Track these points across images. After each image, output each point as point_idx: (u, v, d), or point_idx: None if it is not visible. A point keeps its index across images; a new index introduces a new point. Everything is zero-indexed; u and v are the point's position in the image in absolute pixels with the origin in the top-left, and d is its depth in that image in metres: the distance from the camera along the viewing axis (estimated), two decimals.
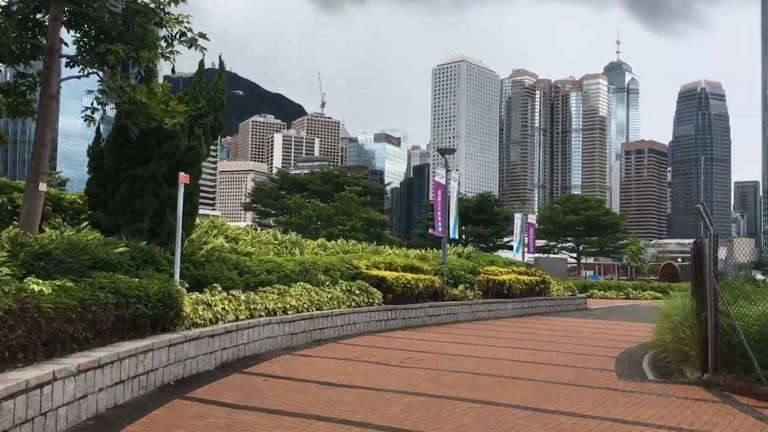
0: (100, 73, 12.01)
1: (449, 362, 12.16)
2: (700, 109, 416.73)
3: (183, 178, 11.26)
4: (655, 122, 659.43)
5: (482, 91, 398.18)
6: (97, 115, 12.41)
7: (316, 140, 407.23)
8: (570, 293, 30.95)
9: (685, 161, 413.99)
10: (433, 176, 23.33)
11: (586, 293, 34.75)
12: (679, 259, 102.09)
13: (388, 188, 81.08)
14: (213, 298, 11.30)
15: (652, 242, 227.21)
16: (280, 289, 14.30)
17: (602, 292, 41.64)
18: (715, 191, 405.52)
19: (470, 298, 22.54)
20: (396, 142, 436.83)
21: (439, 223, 22.94)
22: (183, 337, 9.70)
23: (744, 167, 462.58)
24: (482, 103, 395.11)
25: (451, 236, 23.76)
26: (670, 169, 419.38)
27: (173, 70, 11.77)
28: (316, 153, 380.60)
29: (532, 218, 39.77)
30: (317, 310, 15.14)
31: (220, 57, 15.35)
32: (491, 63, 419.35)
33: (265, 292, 13.76)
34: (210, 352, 10.55)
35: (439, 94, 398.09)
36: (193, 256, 12.87)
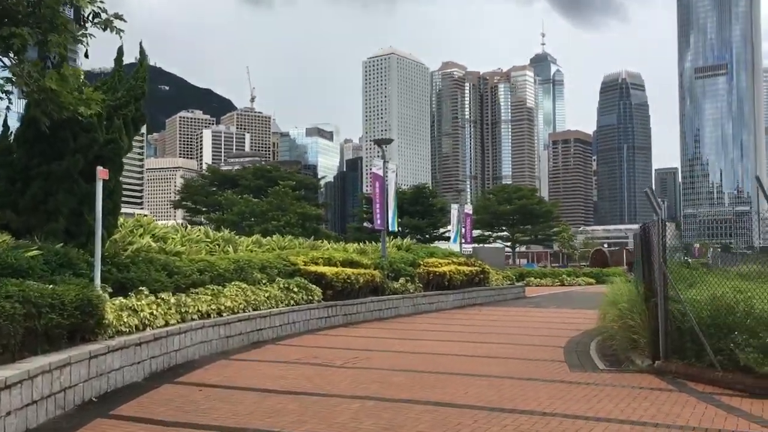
0: (5, 60, 10.86)
1: (396, 360, 11.60)
2: (621, 99, 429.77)
3: (101, 173, 10.32)
4: (579, 113, 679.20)
5: (413, 83, 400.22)
6: (2, 105, 11.25)
7: (247, 135, 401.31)
8: (509, 282, 30.95)
9: (609, 150, 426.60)
10: (370, 168, 22.72)
11: (523, 282, 34.87)
12: (606, 245, 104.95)
13: (322, 182, 80.00)
14: (139, 303, 10.40)
15: (579, 229, 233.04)
16: (213, 289, 13.46)
17: (538, 279, 42.04)
18: (638, 178, 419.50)
19: (411, 291, 22.10)
20: (328, 136, 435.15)
21: (378, 216, 22.38)
22: (105, 348, 8.81)
23: (664, 155, 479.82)
24: (413, 95, 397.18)
25: (390, 229, 23.26)
26: (595, 157, 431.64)
27: (86, 55, 10.70)
28: (247, 148, 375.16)
29: (469, 208, 39.71)
30: (254, 310, 14.35)
31: (140, 44, 14.31)
32: (421, 56, 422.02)
33: (197, 293, 12.90)
34: (137, 362, 9.66)
35: (370, 87, 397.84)
36: (116, 257, 11.90)
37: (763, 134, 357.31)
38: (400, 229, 24.04)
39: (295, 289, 16.43)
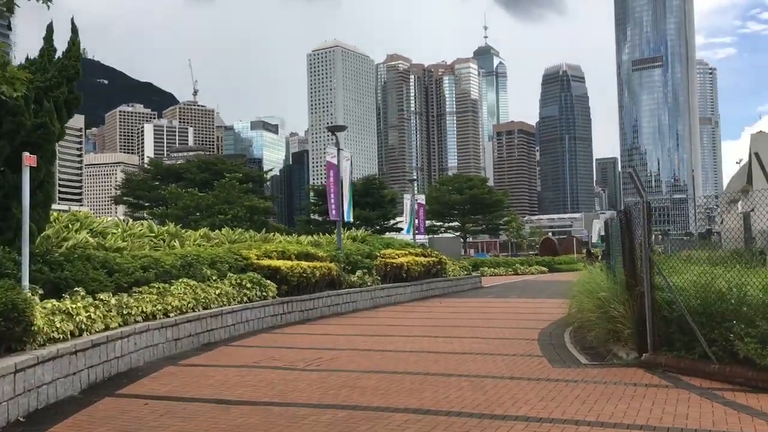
0: None
1: (363, 360, 10.68)
2: (562, 90, 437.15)
3: (28, 159, 9.11)
4: (522, 104, 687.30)
5: (358, 76, 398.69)
6: None
7: (190, 129, 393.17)
8: (465, 273, 30.37)
9: (552, 140, 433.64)
10: (322, 158, 21.68)
11: (478, 272, 34.37)
12: (550, 234, 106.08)
13: (269, 175, 78.30)
14: (75, 306, 9.19)
15: (525, 219, 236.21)
16: (159, 288, 12.29)
17: (492, 269, 41.70)
18: (579, 168, 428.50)
19: (369, 284, 21.21)
20: (273, 129, 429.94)
21: (333, 206, 21.36)
22: (35, 359, 7.62)
23: (604, 145, 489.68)
24: (358, 88, 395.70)
25: (346, 219, 22.29)
26: (538, 148, 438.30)
27: (9, 27, 9.43)
28: (191, 142, 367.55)
29: (421, 199, 38.99)
30: (204, 309, 13.23)
31: (72, 20, 12.96)
32: (366, 48, 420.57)
33: (141, 292, 11.73)
34: (73, 373, 8.48)
35: (315, 80, 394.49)
36: (48, 255, 10.66)
37: (697, 124, 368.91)
38: (351, 220, 23.07)
39: (248, 285, 15.35)
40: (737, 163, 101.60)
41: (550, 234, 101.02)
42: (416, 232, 37.42)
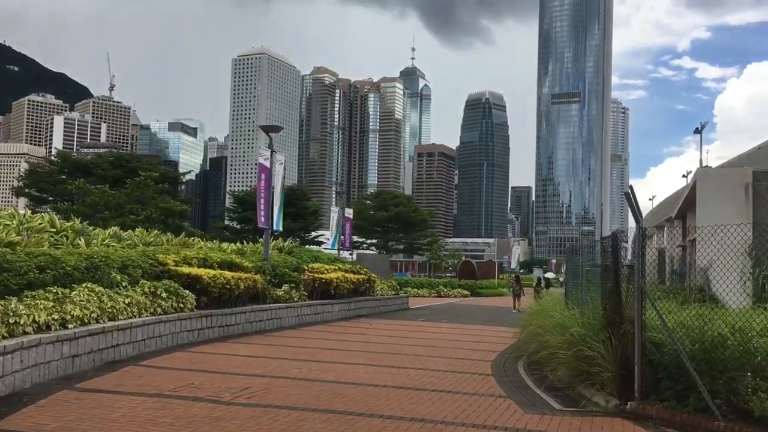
0: None
1: (302, 393, 9.03)
2: (483, 117, 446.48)
3: None
4: (444, 127, 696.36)
5: (283, 85, 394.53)
6: None
7: (103, 125, 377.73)
8: (393, 292, 29.00)
9: (470, 165, 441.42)
10: (257, 159, 19.90)
11: (405, 292, 33.09)
12: (464, 257, 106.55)
13: (187, 177, 74.80)
14: None
15: (441, 241, 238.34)
16: (57, 293, 10.32)
17: (416, 290, 40.54)
18: (495, 194, 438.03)
19: (296, 299, 19.48)
20: (192, 132, 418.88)
21: (262, 213, 19.55)
22: None
23: (519, 173, 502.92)
24: (283, 97, 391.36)
25: (275, 227, 20.50)
26: (456, 172, 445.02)
27: None
28: (103, 139, 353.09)
29: (349, 213, 37.49)
30: (111, 320, 11.27)
31: None
32: (293, 59, 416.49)
33: (34, 297, 9.74)
34: None
35: (239, 85, 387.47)
36: None
37: (609, 161, 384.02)
38: (281, 229, 21.29)
39: (164, 295, 13.42)
40: (650, 200, 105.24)
41: (463, 257, 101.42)
42: (341, 247, 35.90)
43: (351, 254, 37.36)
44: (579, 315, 10.61)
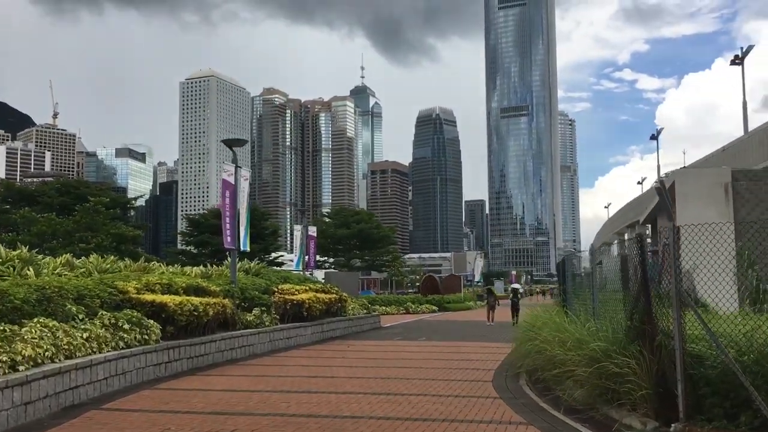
0: None
1: None
2: (435, 133, 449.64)
3: None
4: (396, 144, 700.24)
5: (233, 107, 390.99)
6: None
7: (47, 154, 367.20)
8: (365, 311, 27.81)
9: (424, 181, 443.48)
10: (221, 174, 18.58)
11: (375, 311, 31.92)
12: (425, 272, 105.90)
13: (138, 202, 72.31)
14: None
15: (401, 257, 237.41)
16: (5, 330, 8.94)
17: (384, 307, 39.35)
18: (450, 209, 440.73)
19: (267, 324, 18.17)
20: (140, 157, 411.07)
21: (228, 232, 18.22)
22: None
23: (473, 187, 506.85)
24: (233, 120, 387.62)
25: (242, 247, 19.17)
26: (410, 188, 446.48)
27: None
28: (48, 167, 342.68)
29: (313, 231, 36.24)
30: (68, 358, 9.92)
31: None
32: (242, 80, 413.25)
33: None
34: None
35: (187, 109, 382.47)
36: None
37: (558, 171, 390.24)
38: (248, 249, 19.96)
39: (126, 326, 12.04)
40: (606, 207, 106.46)
41: (429, 273, 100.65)
42: (306, 266, 34.63)
43: (311, 273, 36.09)
44: (595, 328, 9.65)
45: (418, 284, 75.89)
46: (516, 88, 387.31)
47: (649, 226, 38.14)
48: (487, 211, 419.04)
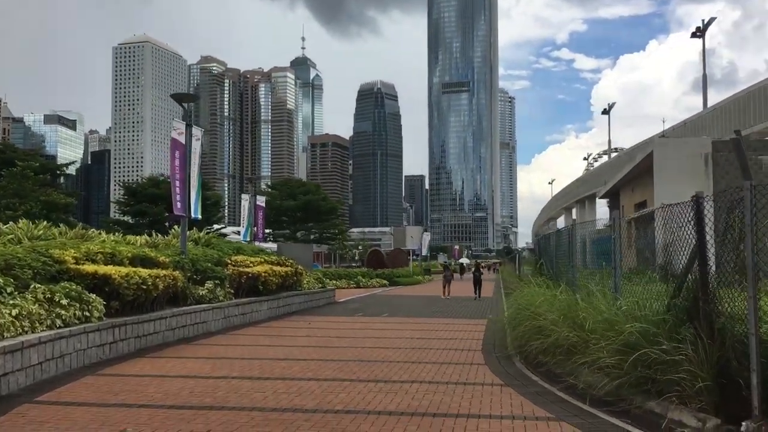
0: None
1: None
2: (376, 107, 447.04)
3: None
4: (337, 118, 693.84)
5: (169, 75, 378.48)
6: None
7: None
8: (320, 285, 26.32)
9: (364, 155, 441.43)
10: (170, 133, 16.61)
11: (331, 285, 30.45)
12: (371, 246, 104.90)
13: (70, 168, 68.33)
14: None
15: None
16: None
17: (335, 281, 37.84)
18: (390, 184, 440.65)
19: (221, 298, 16.50)
20: (71, 124, 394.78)
21: (178, 197, 16.34)
22: None
23: (414, 162, 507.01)
24: (169, 87, 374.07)
25: (193, 215, 17.33)
26: (351, 162, 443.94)
27: None
28: None
29: (261, 200, 34.36)
30: None
31: None
32: (179, 48, 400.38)
33: None
34: None
35: (121, 75, 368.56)
36: None
37: (498, 148, 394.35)
38: (200, 217, 18.11)
39: (64, 302, 10.28)
40: (549, 183, 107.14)
41: (370, 246, 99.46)
42: (254, 238, 32.80)
43: (267, 245, 34.30)
44: (625, 308, 8.41)
45: (361, 258, 74.71)
46: (458, 64, 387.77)
47: (606, 200, 37.62)
48: (427, 187, 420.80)
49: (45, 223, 16.34)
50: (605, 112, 48.94)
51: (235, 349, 12.60)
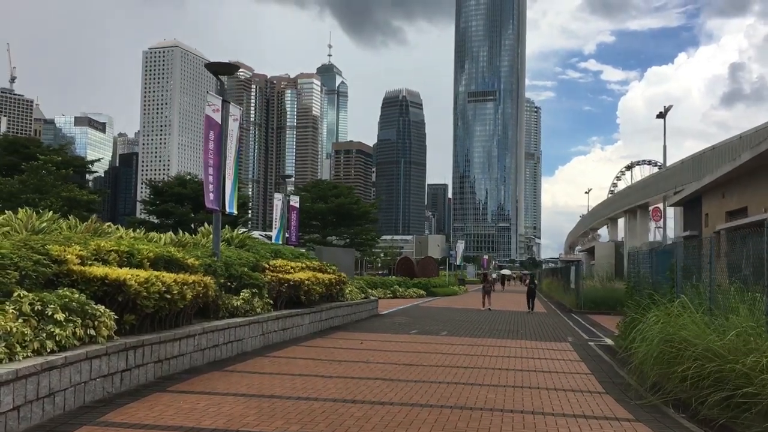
0: None
1: None
2: (401, 115, 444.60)
3: None
4: (361, 125, 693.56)
5: (197, 80, 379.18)
6: None
7: (3, 119, 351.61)
8: (363, 295, 23.46)
9: (388, 163, 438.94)
10: (205, 110, 13.83)
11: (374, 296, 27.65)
12: (383, 254, 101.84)
13: (95, 170, 66.34)
14: None
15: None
16: None
17: (371, 290, 35.01)
18: (413, 192, 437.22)
19: (258, 310, 13.67)
20: (100, 127, 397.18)
21: (211, 188, 13.52)
22: None
23: (437, 171, 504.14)
24: (197, 92, 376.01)
25: (228, 209, 14.56)
26: (374, 169, 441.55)
27: None
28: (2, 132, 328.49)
29: (295, 201, 31.60)
30: None
31: None
32: (208, 53, 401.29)
33: None
34: None
35: (150, 79, 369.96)
36: None
37: (523, 159, 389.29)
38: (235, 212, 15.33)
39: (60, 316, 7.47)
40: (586, 193, 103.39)
41: (406, 254, 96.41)
42: (287, 242, 30.02)
43: (313, 248, 31.56)
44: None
45: (387, 265, 71.77)
46: (484, 74, 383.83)
47: (681, 208, 34.35)
48: (450, 196, 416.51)
49: (51, 213, 13.64)
50: (660, 116, 45.59)
51: (283, 381, 9.68)
